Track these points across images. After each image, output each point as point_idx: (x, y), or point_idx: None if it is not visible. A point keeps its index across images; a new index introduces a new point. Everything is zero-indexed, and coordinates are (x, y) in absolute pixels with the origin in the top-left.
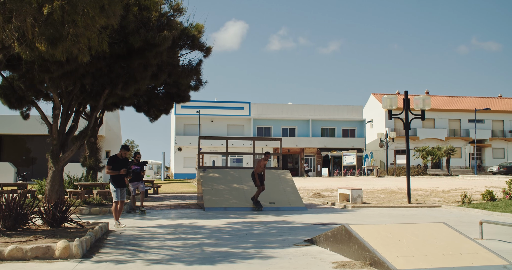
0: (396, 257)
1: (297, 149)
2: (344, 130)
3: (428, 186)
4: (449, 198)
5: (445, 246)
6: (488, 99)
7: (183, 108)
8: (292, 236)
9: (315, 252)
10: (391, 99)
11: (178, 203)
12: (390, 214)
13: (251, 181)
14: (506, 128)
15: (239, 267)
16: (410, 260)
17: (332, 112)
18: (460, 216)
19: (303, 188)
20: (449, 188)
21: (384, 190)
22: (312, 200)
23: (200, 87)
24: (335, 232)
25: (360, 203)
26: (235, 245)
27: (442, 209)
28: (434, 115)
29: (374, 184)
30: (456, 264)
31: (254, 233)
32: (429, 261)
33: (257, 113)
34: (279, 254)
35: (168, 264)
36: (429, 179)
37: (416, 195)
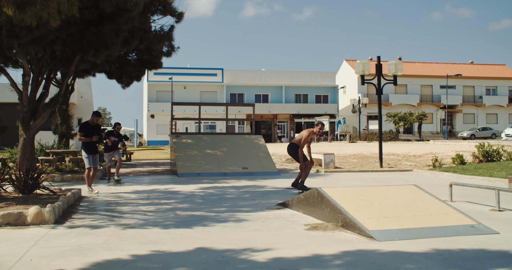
0: (368, 218)
1: (270, 115)
2: (317, 96)
3: (400, 151)
4: (420, 162)
5: (416, 207)
6: (460, 65)
7: (155, 75)
8: (265, 200)
9: (287, 215)
10: (363, 65)
11: (151, 170)
12: (362, 178)
13: (224, 146)
14: (477, 94)
15: (213, 230)
16: (381, 221)
17: (305, 78)
18: (430, 179)
19: (276, 153)
20: (421, 152)
21: (356, 155)
22: (285, 165)
23: (173, 53)
24: (308, 195)
25: (332, 168)
26: (208, 209)
27: (414, 173)
28: (406, 81)
29: (347, 150)
30: (426, 225)
31: (228, 197)
32: (400, 222)
33: (230, 80)
34: (252, 217)
35: (142, 228)
36: (401, 144)
37: (388, 160)
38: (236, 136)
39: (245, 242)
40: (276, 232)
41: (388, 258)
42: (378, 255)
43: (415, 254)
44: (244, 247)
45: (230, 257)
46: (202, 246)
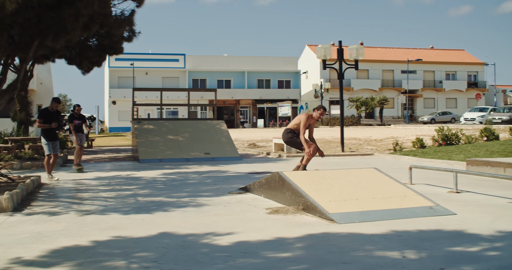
0: (328, 201)
1: (233, 100)
2: (279, 81)
3: (362, 135)
4: (381, 146)
5: (376, 190)
6: (420, 50)
7: (117, 61)
8: (227, 185)
9: (249, 199)
10: (325, 49)
11: (112, 156)
12: (324, 162)
13: (186, 132)
14: (437, 78)
15: (174, 215)
16: (341, 204)
17: (267, 63)
18: (391, 163)
19: (239, 139)
20: (382, 137)
21: (318, 140)
22: (247, 150)
23: (134, 38)
24: (269, 179)
25: (294, 152)
26: (169, 195)
27: (375, 157)
28: (368, 66)
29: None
30: (385, 207)
31: (189, 182)
32: (360, 204)
33: (192, 65)
34: (214, 202)
35: (103, 214)
36: (363, 129)
37: (350, 144)
38: (198, 122)
39: (206, 226)
40: (238, 216)
41: (348, 240)
42: (338, 237)
43: (375, 235)
44: (206, 232)
45: (192, 241)
46: (163, 231)
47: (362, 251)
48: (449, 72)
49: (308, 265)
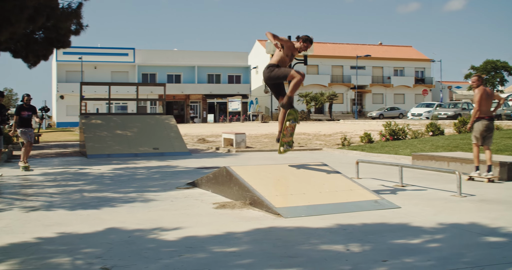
0: (275, 196)
1: (183, 95)
2: (229, 76)
3: (311, 130)
4: (330, 141)
5: (322, 184)
6: (369, 46)
7: (65, 55)
8: (175, 180)
9: (196, 194)
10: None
11: (60, 151)
12: (273, 157)
13: (135, 127)
14: (385, 74)
15: (120, 210)
16: (288, 198)
17: (218, 58)
18: (339, 157)
19: (189, 134)
20: (331, 132)
21: (268, 135)
22: (197, 145)
23: (81, 31)
24: (217, 174)
25: (244, 147)
26: (116, 190)
27: (323, 152)
28: (318, 62)
29: (259, 129)
30: (332, 201)
31: (137, 178)
32: (306, 198)
33: (142, 60)
34: (161, 197)
35: (47, 210)
36: (312, 124)
37: (299, 139)
38: (146, 117)
39: (153, 221)
40: (185, 211)
41: (294, 234)
42: (284, 231)
43: (320, 229)
44: (152, 227)
45: (138, 236)
46: (109, 226)
47: (307, 244)
48: (397, 68)
49: (254, 259)
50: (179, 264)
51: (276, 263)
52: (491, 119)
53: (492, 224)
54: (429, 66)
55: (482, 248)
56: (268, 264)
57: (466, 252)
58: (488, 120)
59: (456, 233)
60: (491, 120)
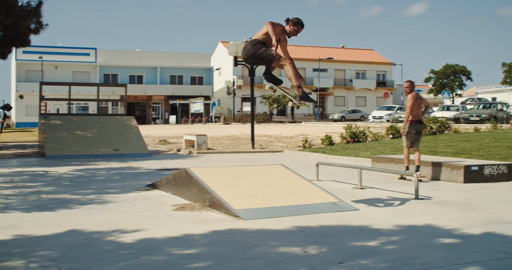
0: (234, 197)
1: (145, 96)
2: (192, 77)
3: (273, 132)
4: (291, 143)
5: (282, 186)
6: (332, 49)
7: (24, 54)
8: (134, 182)
9: (156, 196)
10: (236, 46)
11: (18, 152)
12: (234, 159)
13: (95, 128)
14: (347, 77)
15: (78, 212)
16: (247, 200)
17: (180, 59)
18: (300, 159)
19: (150, 135)
20: (292, 134)
21: (230, 137)
22: (158, 146)
23: (41, 30)
24: (176, 176)
25: (205, 149)
26: (75, 192)
27: (284, 154)
28: None
29: (221, 131)
30: (291, 203)
31: (97, 179)
32: (265, 200)
33: (103, 60)
34: (120, 198)
35: (2, 213)
36: (274, 126)
37: (261, 141)
38: (107, 118)
39: (111, 223)
40: (143, 213)
41: (252, 236)
42: (243, 233)
43: (279, 231)
44: (110, 229)
45: (95, 239)
46: (66, 229)
47: (265, 246)
48: (359, 71)
49: (211, 262)
50: (135, 267)
51: (233, 265)
52: (420, 122)
53: (447, 226)
54: (390, 70)
55: (436, 250)
56: (226, 267)
57: (421, 253)
58: (418, 123)
59: (412, 235)
60: (421, 123)
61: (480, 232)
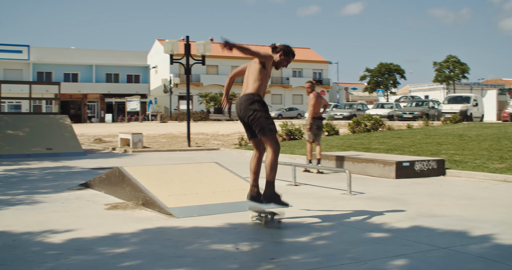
0: (168, 196)
1: (80, 95)
2: (128, 76)
3: (210, 130)
4: (228, 141)
5: (215, 184)
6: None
7: None
8: (68, 181)
9: (88, 195)
10: (172, 44)
11: None
12: (170, 157)
13: (27, 127)
14: (284, 75)
15: (6, 213)
16: (181, 198)
17: (116, 57)
18: (236, 157)
19: (85, 134)
20: (229, 132)
21: (166, 135)
22: (93, 145)
23: None
24: (109, 175)
25: (140, 148)
26: (4, 192)
27: (220, 152)
28: (217, 62)
29: (157, 129)
30: (224, 200)
31: (28, 179)
32: (199, 198)
33: (37, 57)
34: (51, 198)
35: None
36: (211, 124)
37: (197, 139)
38: (40, 116)
39: (41, 224)
40: (75, 213)
41: (184, 234)
42: (176, 231)
43: (211, 228)
44: (40, 230)
45: (24, 240)
46: None
47: (198, 244)
48: (296, 69)
49: (142, 260)
50: (64, 267)
51: (164, 263)
52: (321, 118)
53: (377, 220)
54: (326, 68)
55: (366, 244)
56: (157, 265)
57: (351, 248)
58: (319, 120)
59: (343, 230)
60: (321, 120)
61: (408, 226)
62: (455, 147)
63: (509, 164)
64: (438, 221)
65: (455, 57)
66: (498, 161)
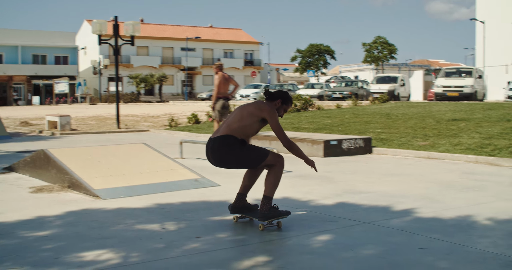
0: (95, 177)
1: (5, 77)
2: (56, 57)
3: (140, 112)
4: (158, 122)
5: (143, 164)
6: (200, 28)
7: None
8: None
9: (12, 179)
10: (100, 24)
11: None
12: (98, 139)
13: None
14: (216, 56)
15: None
16: (108, 179)
17: (43, 38)
18: (166, 138)
19: (11, 117)
20: (160, 113)
21: (95, 117)
22: (19, 129)
23: None
24: (34, 157)
25: (68, 130)
26: None
27: (150, 133)
28: (148, 43)
29: (86, 112)
30: (152, 181)
31: None
32: (126, 179)
33: None
34: None
35: None
36: (142, 106)
37: (127, 121)
38: None
39: None
40: None
41: (110, 215)
42: (101, 213)
43: (138, 209)
44: None
45: None
46: None
47: (123, 225)
48: (227, 50)
49: (66, 242)
50: None
51: (88, 245)
52: (227, 99)
53: (304, 198)
54: (258, 49)
55: (292, 220)
56: (81, 247)
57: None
58: (224, 100)
59: None
60: (227, 100)
61: (334, 203)
62: (382, 126)
63: (433, 141)
64: (363, 197)
65: (384, 38)
66: (422, 138)
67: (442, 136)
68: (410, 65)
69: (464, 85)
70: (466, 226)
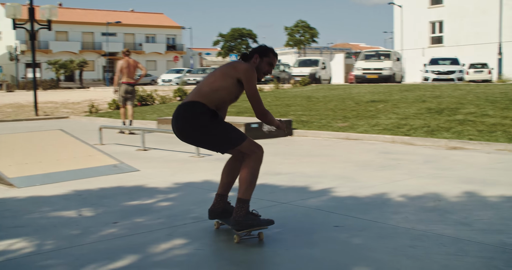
0: (9, 165)
1: None
2: None
3: (59, 98)
4: (78, 109)
5: (60, 151)
6: (121, 13)
7: None
8: None
9: None
10: (14, 8)
11: None
12: (15, 127)
13: None
14: (137, 41)
15: None
16: (23, 167)
17: None
18: (86, 124)
19: None
20: (80, 99)
21: (12, 105)
22: None
23: None
24: None
25: None
26: None
27: (70, 120)
28: (67, 28)
29: (3, 99)
30: (70, 168)
31: None
32: (43, 167)
33: None
34: None
35: None
36: (62, 92)
37: (46, 108)
38: None
39: None
40: None
41: (25, 204)
42: (15, 201)
43: (55, 197)
44: None
45: None
46: None
47: (38, 213)
48: (149, 35)
49: None
50: None
51: (1, 234)
52: (130, 84)
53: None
54: (180, 33)
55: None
56: None
57: (195, 208)
58: (128, 85)
59: (189, 191)
60: (131, 86)
61: None
62: (303, 108)
63: (352, 122)
64: (282, 179)
65: (305, 22)
66: (341, 120)
67: (361, 117)
68: (332, 48)
69: (383, 68)
70: (380, 204)
